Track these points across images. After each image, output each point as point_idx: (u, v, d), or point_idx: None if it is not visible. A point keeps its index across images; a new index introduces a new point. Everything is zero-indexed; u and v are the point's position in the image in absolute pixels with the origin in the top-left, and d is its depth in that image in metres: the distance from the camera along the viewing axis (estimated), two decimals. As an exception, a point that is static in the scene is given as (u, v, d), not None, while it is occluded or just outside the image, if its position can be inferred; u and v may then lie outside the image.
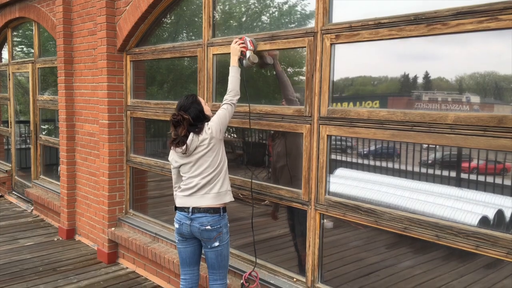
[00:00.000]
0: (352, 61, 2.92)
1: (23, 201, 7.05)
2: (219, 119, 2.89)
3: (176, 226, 2.93)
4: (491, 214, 2.67)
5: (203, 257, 3.16)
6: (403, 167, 3.09)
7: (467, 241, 2.27)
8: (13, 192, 7.47)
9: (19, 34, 7.36)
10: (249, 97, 3.17)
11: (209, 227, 2.82)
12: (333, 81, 2.84)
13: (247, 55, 3.04)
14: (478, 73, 2.34)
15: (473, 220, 2.57)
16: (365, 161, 3.26)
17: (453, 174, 2.95)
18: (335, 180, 2.99)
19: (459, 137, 2.26)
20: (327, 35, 2.80)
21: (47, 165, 6.63)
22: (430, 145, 2.71)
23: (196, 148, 2.83)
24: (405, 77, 2.65)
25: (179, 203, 2.92)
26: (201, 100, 2.96)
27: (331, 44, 2.79)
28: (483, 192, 2.81)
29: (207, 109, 2.95)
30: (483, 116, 2.18)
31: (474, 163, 2.80)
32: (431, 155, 3.01)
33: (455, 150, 2.90)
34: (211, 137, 2.83)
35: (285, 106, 3.17)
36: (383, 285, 3.16)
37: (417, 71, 2.55)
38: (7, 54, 7.50)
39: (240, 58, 3.06)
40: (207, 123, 2.88)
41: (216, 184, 2.86)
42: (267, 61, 3.23)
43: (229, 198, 2.93)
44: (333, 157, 3.00)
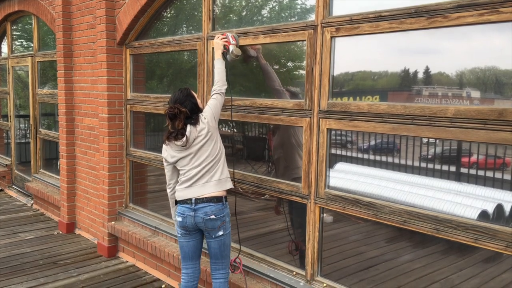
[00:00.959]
0: (352, 55, 2.91)
1: (23, 195, 7.06)
2: (211, 109, 2.97)
3: (179, 219, 2.92)
4: (490, 208, 2.67)
5: (204, 251, 3.18)
6: (403, 161, 3.09)
7: (467, 234, 2.27)
8: (13, 186, 7.48)
9: (19, 28, 7.33)
10: (248, 91, 3.20)
11: (213, 216, 2.83)
12: (333, 74, 2.83)
13: (230, 49, 3.15)
14: (479, 67, 2.33)
15: (473, 214, 2.57)
16: (365, 156, 3.27)
17: (453, 168, 2.95)
18: (335, 174, 2.99)
19: (459, 130, 2.26)
20: (327, 28, 2.79)
21: (47, 159, 6.63)
22: (430, 138, 2.71)
23: (195, 139, 2.85)
24: (406, 71, 2.64)
25: (180, 196, 2.92)
26: (193, 93, 3.03)
27: (331, 37, 2.78)
28: (483, 186, 2.81)
29: (199, 102, 3.04)
30: (483, 109, 2.18)
31: (474, 157, 2.80)
32: (431, 150, 3.00)
33: (455, 145, 2.90)
34: (208, 126, 2.88)
35: (285, 99, 3.17)
36: (383, 278, 3.17)
37: (417, 65, 2.54)
38: (6, 48, 7.48)
39: (223, 52, 3.17)
40: (201, 114, 2.94)
41: (216, 171, 2.90)
42: (250, 53, 3.35)
43: (230, 184, 2.97)
44: (333, 151, 3.00)
